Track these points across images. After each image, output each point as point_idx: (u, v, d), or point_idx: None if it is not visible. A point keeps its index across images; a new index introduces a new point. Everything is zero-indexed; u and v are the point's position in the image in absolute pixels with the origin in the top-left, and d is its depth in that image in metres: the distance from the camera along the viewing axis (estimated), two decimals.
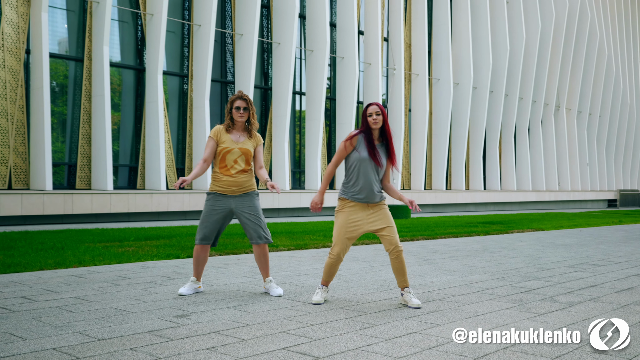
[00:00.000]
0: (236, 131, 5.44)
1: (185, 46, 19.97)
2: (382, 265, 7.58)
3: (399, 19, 25.76)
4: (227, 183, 5.38)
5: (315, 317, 4.61)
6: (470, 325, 4.34)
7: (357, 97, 24.15)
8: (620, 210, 31.56)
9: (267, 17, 22.12)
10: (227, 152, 5.35)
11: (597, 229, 15.91)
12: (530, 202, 32.51)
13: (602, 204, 39.66)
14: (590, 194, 37.67)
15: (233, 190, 5.39)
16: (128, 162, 18.79)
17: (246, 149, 5.38)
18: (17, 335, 3.95)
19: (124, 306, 4.91)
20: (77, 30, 17.64)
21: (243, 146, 5.38)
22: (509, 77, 31.21)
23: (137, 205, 16.74)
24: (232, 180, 5.37)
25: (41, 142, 15.71)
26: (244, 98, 5.40)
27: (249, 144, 5.41)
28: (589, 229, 15.55)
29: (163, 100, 18.44)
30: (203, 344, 3.79)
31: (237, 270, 6.98)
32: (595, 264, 8.07)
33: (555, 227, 15.98)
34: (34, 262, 7.11)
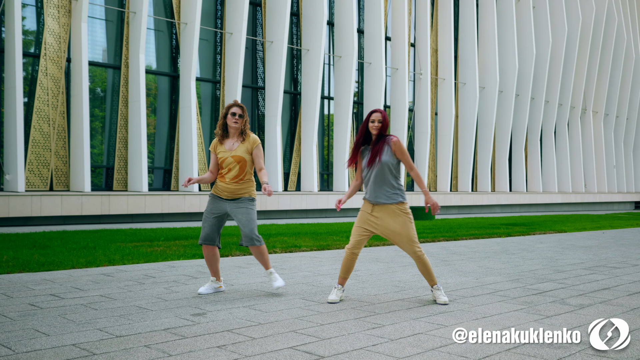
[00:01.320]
0: (230, 138, 5.48)
1: (218, 53, 20.17)
2: (400, 267, 7.56)
3: (425, 25, 25.63)
4: (221, 188, 5.49)
5: (327, 317, 4.62)
6: (477, 326, 4.30)
7: (384, 101, 24.09)
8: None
9: (297, 24, 22.22)
10: (222, 160, 5.45)
11: (620, 231, 15.57)
12: (556, 204, 32.00)
13: (629, 205, 38.82)
14: (616, 196, 36.91)
15: (226, 195, 5.47)
16: (163, 165, 19.06)
17: (240, 156, 5.39)
18: (41, 332, 4.05)
19: (145, 304, 4.99)
20: (115, 39, 17.96)
21: (236, 154, 5.40)
22: (535, 80, 30.78)
23: (171, 206, 16.97)
24: (225, 186, 5.46)
25: (80, 146, 16.04)
26: (239, 106, 5.47)
27: (242, 150, 5.41)
28: (612, 231, 15.23)
29: (196, 106, 18.66)
30: (214, 342, 3.83)
31: (258, 271, 7.02)
32: (612, 267, 7.91)
33: (578, 229, 15.69)
34: (67, 261, 7.27)
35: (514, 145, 30.58)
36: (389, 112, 25.21)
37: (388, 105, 25.23)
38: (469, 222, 17.13)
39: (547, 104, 32.09)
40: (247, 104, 21.06)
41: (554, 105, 32.09)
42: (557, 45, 31.70)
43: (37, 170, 16.16)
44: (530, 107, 30.75)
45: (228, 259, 8.08)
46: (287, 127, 22.28)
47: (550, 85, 31.84)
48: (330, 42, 23.38)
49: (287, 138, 22.23)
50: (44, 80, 16.22)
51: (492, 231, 13.90)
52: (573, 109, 34.29)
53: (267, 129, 20.63)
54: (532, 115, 31.14)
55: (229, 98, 19.54)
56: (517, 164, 30.67)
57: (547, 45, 30.64)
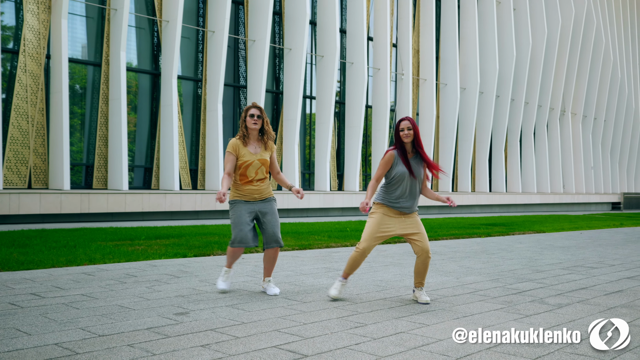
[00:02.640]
0: (252, 142, 5.57)
1: (200, 51, 20.09)
2: (381, 266, 7.61)
3: (407, 26, 25.76)
4: (249, 191, 5.52)
5: (309, 316, 4.65)
6: (458, 325, 4.36)
7: (365, 102, 24.17)
8: (623, 213, 31.32)
9: (279, 23, 22.21)
10: (248, 165, 5.48)
11: (598, 231, 15.81)
12: (534, 204, 32.35)
13: (606, 206, 39.38)
14: (594, 197, 37.42)
15: (255, 197, 5.54)
16: (143, 163, 18.94)
17: (264, 159, 5.53)
18: (22, 331, 4.03)
19: (128, 303, 4.98)
20: (95, 36, 17.81)
21: (261, 157, 5.53)
22: (515, 82, 31.09)
23: (151, 205, 16.88)
24: (254, 189, 5.53)
25: (60, 144, 15.89)
26: (257, 107, 5.56)
27: (265, 154, 5.56)
28: (590, 232, 15.45)
29: (177, 104, 18.58)
30: (198, 341, 3.85)
31: (240, 270, 7.03)
32: (589, 267, 8.04)
33: (556, 229, 15.90)
34: (47, 259, 7.21)
35: (494, 146, 30.86)
36: (370, 112, 25.31)
37: (370, 105, 25.32)
38: (449, 222, 17.27)
39: (527, 105, 32.43)
40: (229, 103, 21.02)
41: (533, 107, 32.44)
42: (537, 47, 32.06)
43: (15, 168, 15.97)
44: (510, 109, 31.06)
45: (209, 258, 8.08)
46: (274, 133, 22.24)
47: (530, 86, 32.18)
48: (312, 42, 23.41)
49: None
50: (22, 76, 16.04)
51: (472, 231, 14.03)
52: (552, 111, 34.70)
53: None
54: (512, 117, 31.45)
55: (210, 96, 19.48)
56: (497, 165, 30.97)
57: (527, 47, 30.97)
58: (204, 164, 19.78)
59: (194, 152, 19.93)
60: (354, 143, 23.48)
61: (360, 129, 23.32)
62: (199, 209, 17.84)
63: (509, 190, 31.77)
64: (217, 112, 19.26)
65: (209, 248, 8.84)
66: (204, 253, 8.39)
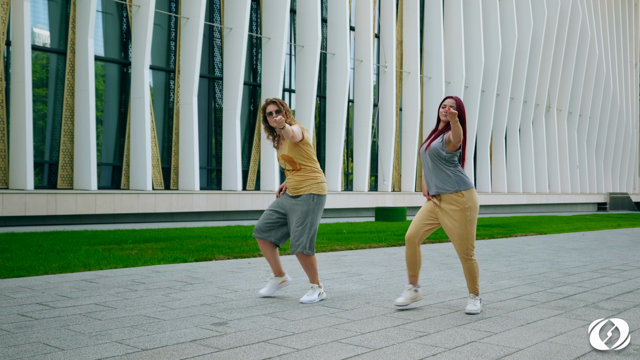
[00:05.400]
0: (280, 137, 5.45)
1: (172, 40, 19.72)
2: (402, 270, 7.51)
3: (390, 16, 25.76)
4: (287, 184, 5.47)
5: (361, 324, 4.50)
6: (528, 333, 4.26)
7: (348, 95, 24.07)
8: (612, 214, 31.94)
9: (257, 10, 21.95)
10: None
11: (598, 232, 16.03)
12: (521, 204, 32.74)
13: (592, 207, 40.12)
14: (580, 197, 38.07)
15: (290, 191, 5.42)
16: (111, 161, 18.48)
17: (287, 155, 5.37)
18: (52, 345, 3.77)
19: (152, 313, 4.75)
20: (59, 21, 17.30)
21: (283, 152, 5.40)
22: (500, 76, 31.40)
23: (123, 206, 16.47)
24: (288, 181, 5.44)
25: (22, 139, 15.37)
26: (273, 102, 5.37)
27: (286, 148, 5.38)
28: (591, 233, 15.66)
29: (149, 97, 18.17)
30: (257, 355, 3.66)
31: (253, 275, 6.85)
32: (617, 269, 8.07)
33: (556, 230, 16.08)
34: (37, 265, 6.90)
35: (478, 144, 31.11)
36: (353, 106, 25.23)
37: (352, 100, 25.24)
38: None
39: (512, 100, 32.80)
40: (204, 95, 20.68)
41: (519, 103, 32.83)
42: (523, 40, 32.45)
43: None
44: (495, 104, 31.35)
45: (214, 263, 7.86)
46: (246, 121, 22.01)
47: (515, 81, 32.55)
48: (292, 31, 23.20)
49: (245, 133, 21.95)
50: None
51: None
52: (537, 107, 35.18)
53: (225, 123, 20.29)
54: (497, 113, 31.76)
55: (184, 89, 19.11)
56: (482, 164, 31.23)
57: (513, 40, 31.31)
58: (177, 161, 19.41)
59: (166, 149, 19.54)
60: (336, 140, 23.35)
61: (343, 124, 23.21)
62: (175, 210, 17.49)
63: (494, 190, 32.08)
64: (192, 106, 18.90)
65: (209, 252, 8.62)
66: (205, 257, 8.17)
